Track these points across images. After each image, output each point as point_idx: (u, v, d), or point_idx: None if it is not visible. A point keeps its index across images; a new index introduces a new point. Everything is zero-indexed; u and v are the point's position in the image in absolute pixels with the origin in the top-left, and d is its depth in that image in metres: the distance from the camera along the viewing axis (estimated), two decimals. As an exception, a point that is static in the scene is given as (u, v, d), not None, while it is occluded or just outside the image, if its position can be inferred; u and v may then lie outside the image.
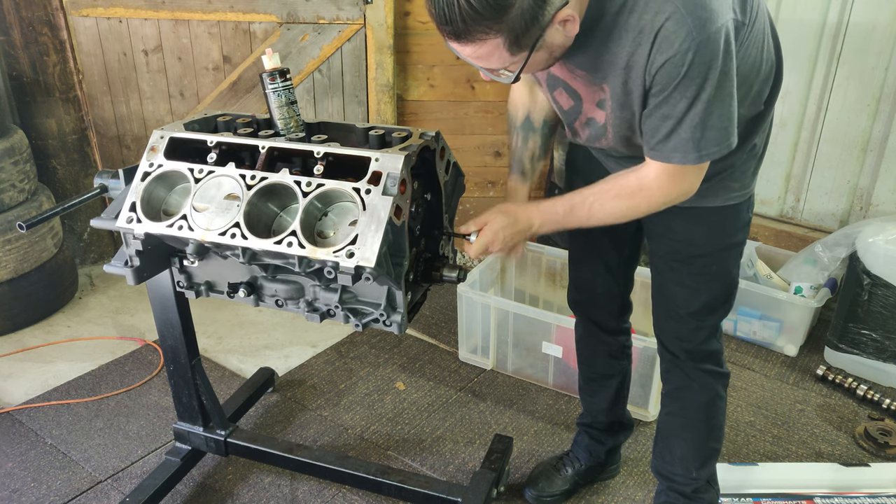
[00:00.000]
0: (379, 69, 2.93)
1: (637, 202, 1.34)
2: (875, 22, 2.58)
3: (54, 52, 2.92)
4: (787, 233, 2.94)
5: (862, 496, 1.98)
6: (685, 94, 1.17)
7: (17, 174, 2.67)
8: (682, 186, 1.31)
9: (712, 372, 1.62)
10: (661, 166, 1.27)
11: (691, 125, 1.20)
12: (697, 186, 1.32)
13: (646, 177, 1.31)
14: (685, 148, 1.22)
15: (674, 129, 1.22)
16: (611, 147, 1.40)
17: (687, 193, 1.32)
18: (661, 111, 1.21)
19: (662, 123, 1.22)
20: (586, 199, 1.37)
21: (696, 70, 1.14)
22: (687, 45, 1.12)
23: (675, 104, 1.19)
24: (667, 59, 1.15)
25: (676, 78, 1.16)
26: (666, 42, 1.14)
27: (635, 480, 2.07)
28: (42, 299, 2.85)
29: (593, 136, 1.41)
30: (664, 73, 1.16)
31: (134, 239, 1.48)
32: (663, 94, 1.19)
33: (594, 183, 1.39)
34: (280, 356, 2.67)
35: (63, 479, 2.06)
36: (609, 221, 1.38)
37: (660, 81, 1.18)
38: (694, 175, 1.29)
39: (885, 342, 2.45)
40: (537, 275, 2.81)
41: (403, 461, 2.14)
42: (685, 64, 1.14)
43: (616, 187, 1.35)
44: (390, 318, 1.44)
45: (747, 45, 1.25)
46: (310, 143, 1.43)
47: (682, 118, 1.20)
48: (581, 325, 1.87)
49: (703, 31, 1.12)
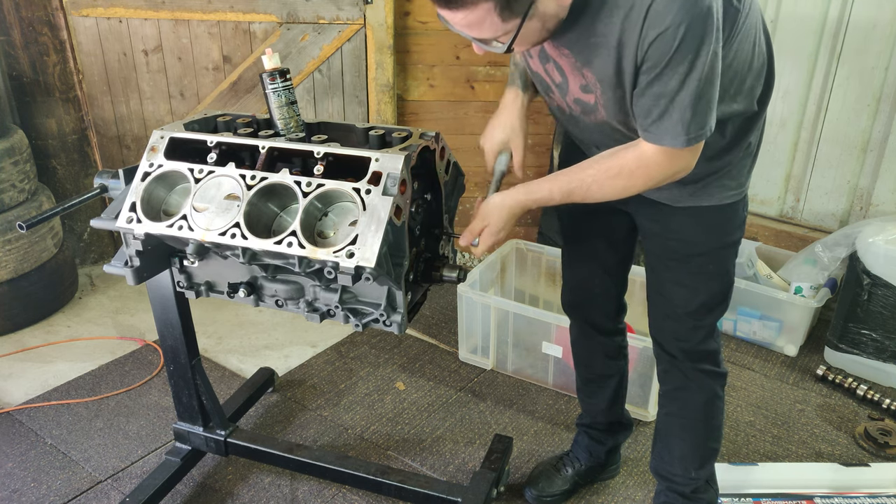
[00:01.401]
0: (379, 69, 2.93)
1: (635, 181, 1.32)
2: (875, 21, 2.58)
3: (54, 52, 2.92)
4: (787, 233, 2.94)
5: (862, 496, 1.98)
6: (677, 71, 1.16)
7: (17, 174, 2.67)
8: (679, 164, 1.29)
9: (710, 372, 1.62)
10: (656, 146, 1.27)
11: (682, 106, 1.19)
12: (694, 164, 1.30)
13: (643, 154, 1.29)
14: (675, 131, 1.22)
15: (666, 110, 1.20)
16: (605, 121, 1.37)
17: (685, 170, 1.31)
18: (654, 90, 1.20)
19: (655, 103, 1.21)
20: (584, 181, 1.35)
21: (688, 45, 1.13)
22: (679, 18, 1.12)
23: (667, 82, 1.18)
24: (659, 34, 1.13)
25: (668, 53, 1.15)
26: (658, 16, 1.13)
27: (635, 480, 2.07)
28: (42, 299, 2.85)
29: (585, 112, 1.39)
30: (655, 48, 1.15)
31: (134, 239, 1.48)
32: (655, 71, 1.18)
33: (589, 160, 1.37)
34: (280, 356, 2.67)
35: (63, 479, 2.06)
36: (606, 199, 1.37)
37: (652, 57, 1.17)
38: (689, 154, 1.28)
39: (885, 342, 2.45)
40: (537, 275, 2.81)
41: (403, 461, 2.14)
42: (677, 38, 1.13)
43: (616, 167, 1.32)
44: (390, 318, 1.44)
45: (740, 37, 1.24)
46: (310, 143, 1.43)
47: (674, 97, 1.19)
48: (576, 327, 1.87)
49: (695, 6, 1.11)
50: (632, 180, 1.32)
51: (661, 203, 1.48)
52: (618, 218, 1.62)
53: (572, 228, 1.74)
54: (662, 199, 1.47)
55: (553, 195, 1.38)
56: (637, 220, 1.59)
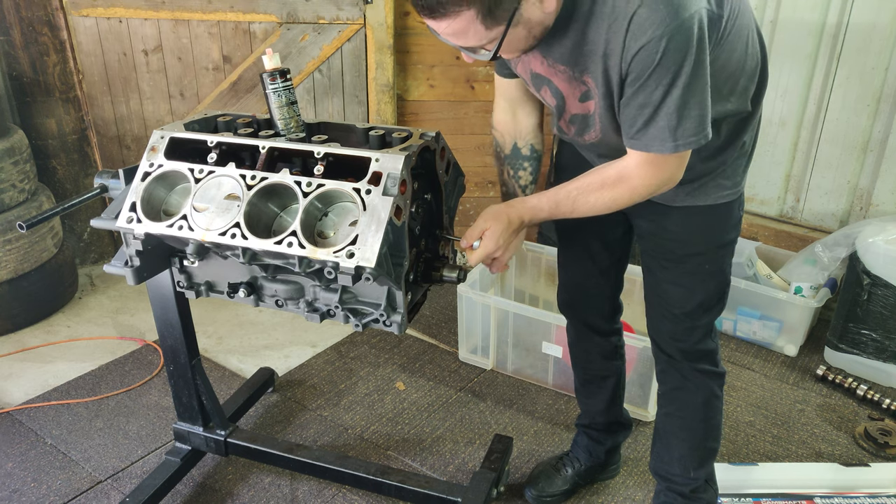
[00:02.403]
0: (379, 69, 2.93)
1: (620, 192, 1.33)
2: (875, 22, 2.58)
3: (54, 52, 2.92)
4: (787, 233, 2.94)
5: (862, 496, 1.98)
6: (661, 82, 1.17)
7: (17, 174, 2.67)
8: (663, 175, 1.30)
9: (708, 371, 1.62)
10: (641, 155, 1.27)
11: (667, 113, 1.19)
12: (680, 176, 1.31)
13: (626, 167, 1.31)
14: (662, 136, 1.22)
15: (651, 118, 1.21)
16: (599, 140, 1.39)
17: (670, 182, 1.32)
18: (638, 100, 1.21)
19: (639, 112, 1.22)
20: (570, 193, 1.37)
21: (671, 57, 1.14)
22: (661, 31, 1.12)
23: (651, 92, 1.18)
24: (641, 47, 1.14)
25: (651, 65, 1.15)
26: (640, 29, 1.13)
27: (635, 480, 2.07)
28: (42, 299, 2.85)
29: (580, 131, 1.41)
30: (639, 60, 1.16)
31: (134, 239, 1.48)
32: (639, 83, 1.19)
33: (578, 176, 1.39)
34: (280, 356, 2.67)
35: (63, 479, 2.06)
36: (594, 213, 1.38)
37: (635, 69, 1.17)
38: (675, 164, 1.29)
39: (885, 342, 2.45)
40: (537, 275, 2.82)
41: (403, 461, 2.14)
42: (659, 51, 1.13)
43: (599, 179, 1.35)
44: (390, 318, 1.44)
45: (731, 39, 1.25)
46: (310, 143, 1.43)
47: (658, 106, 1.19)
48: (573, 328, 1.87)
49: (676, 17, 1.12)
50: (616, 192, 1.33)
51: (656, 203, 1.48)
52: (613, 219, 1.62)
53: (567, 228, 1.74)
54: (659, 199, 1.47)
55: (542, 205, 1.41)
56: (633, 220, 1.60)
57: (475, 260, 1.42)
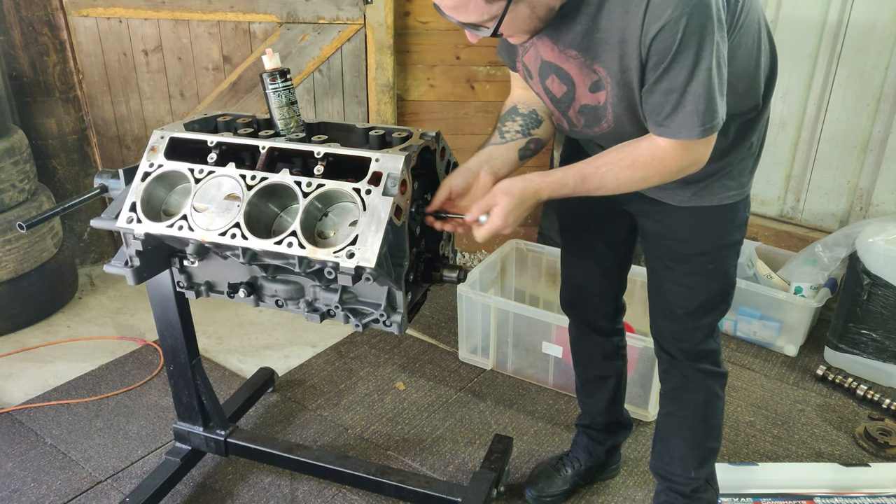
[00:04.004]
0: (379, 69, 2.93)
1: (651, 173, 1.29)
2: (875, 21, 2.58)
3: (54, 52, 2.91)
4: (787, 233, 2.94)
5: (862, 496, 1.98)
6: (684, 64, 1.15)
7: (17, 174, 2.67)
8: (694, 157, 1.27)
9: (710, 372, 1.62)
10: (670, 140, 1.24)
11: (695, 96, 1.17)
12: (708, 156, 1.29)
13: (657, 147, 1.27)
14: (691, 122, 1.20)
15: (679, 103, 1.19)
16: (610, 131, 1.36)
17: (699, 162, 1.29)
18: (662, 85, 1.19)
19: (666, 99, 1.20)
20: (598, 168, 1.32)
21: (692, 37, 1.12)
22: (679, 11, 1.11)
23: (676, 76, 1.17)
24: (660, 28, 1.12)
25: (672, 47, 1.13)
26: (657, 10, 1.12)
27: (635, 480, 2.07)
28: (42, 299, 2.85)
29: (589, 122, 1.37)
30: (659, 43, 1.14)
31: (134, 239, 1.48)
32: (662, 67, 1.17)
33: (604, 151, 1.34)
34: (280, 356, 2.67)
35: (63, 479, 2.06)
36: (620, 191, 1.33)
37: (656, 53, 1.16)
38: (704, 146, 1.27)
39: (885, 342, 2.45)
40: (537, 275, 2.81)
41: (403, 461, 2.14)
42: (679, 31, 1.12)
43: (629, 157, 1.30)
44: (390, 318, 1.44)
45: (742, 30, 1.24)
46: (310, 143, 1.43)
47: (685, 90, 1.17)
48: (574, 327, 1.87)
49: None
50: (647, 171, 1.29)
51: (662, 202, 1.48)
52: (617, 219, 1.62)
53: (571, 228, 1.73)
54: (664, 199, 1.47)
55: (567, 179, 1.33)
56: (638, 220, 1.59)
57: (481, 236, 1.33)
